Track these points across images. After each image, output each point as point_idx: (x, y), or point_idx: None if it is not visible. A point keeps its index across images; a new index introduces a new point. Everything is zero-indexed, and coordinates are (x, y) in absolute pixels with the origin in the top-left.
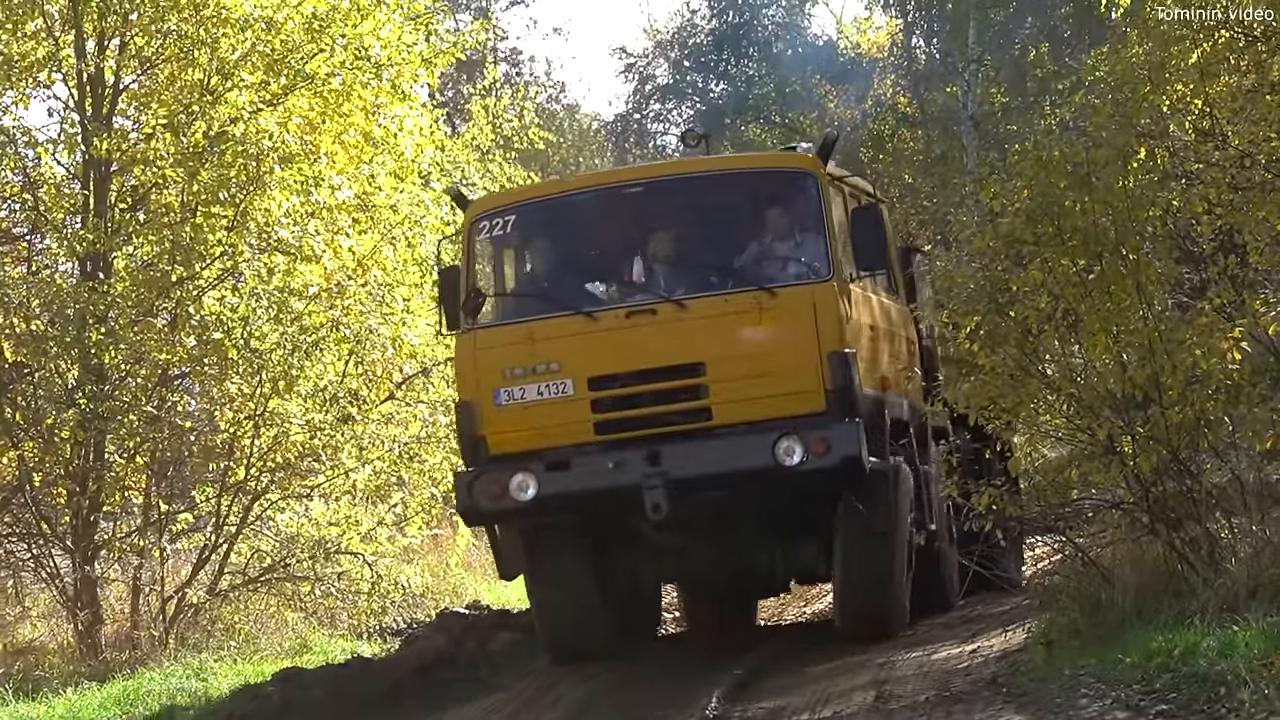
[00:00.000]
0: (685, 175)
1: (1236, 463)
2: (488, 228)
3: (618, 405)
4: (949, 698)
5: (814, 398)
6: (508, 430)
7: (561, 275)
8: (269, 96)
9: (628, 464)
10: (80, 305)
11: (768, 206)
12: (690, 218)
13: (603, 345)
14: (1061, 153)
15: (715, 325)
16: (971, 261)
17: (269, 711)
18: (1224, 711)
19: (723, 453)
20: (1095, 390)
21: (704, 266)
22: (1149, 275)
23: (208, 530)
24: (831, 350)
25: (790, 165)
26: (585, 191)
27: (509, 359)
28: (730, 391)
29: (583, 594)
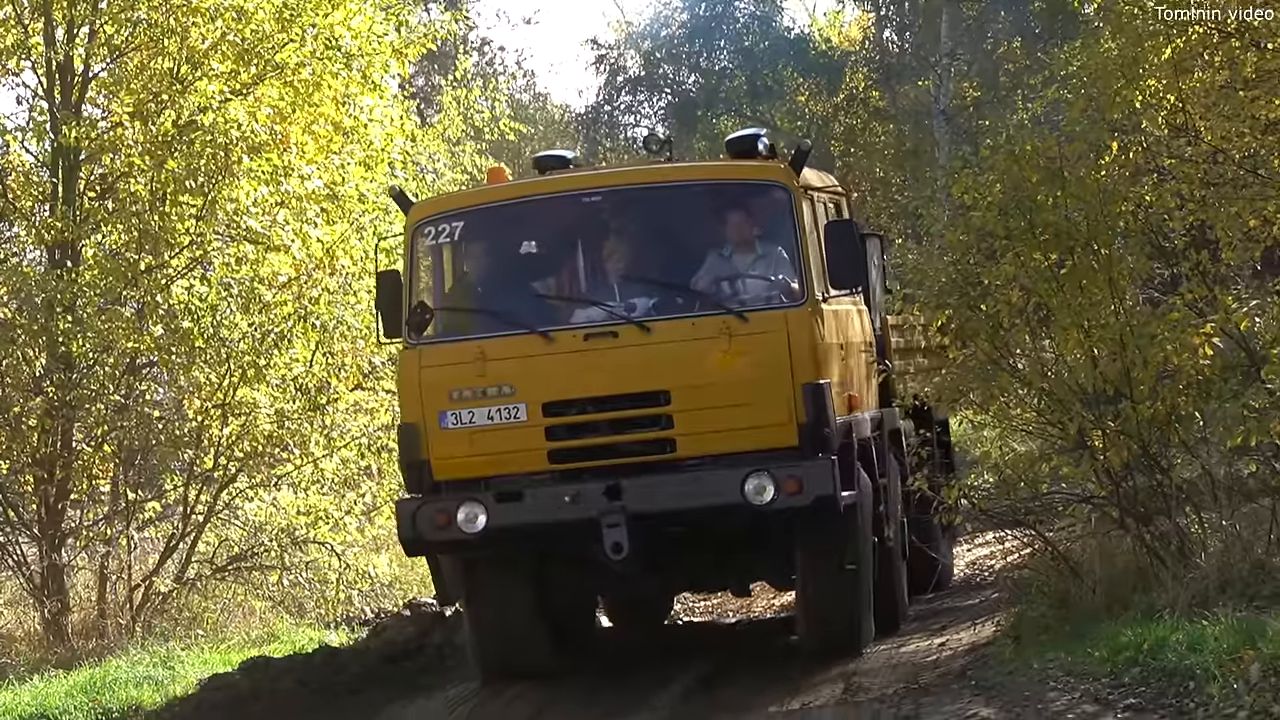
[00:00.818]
0: (648, 185)
1: (1207, 458)
2: (432, 234)
3: (574, 433)
4: (917, 690)
5: (786, 431)
6: (454, 455)
7: (514, 290)
8: (238, 86)
9: (585, 497)
10: (48, 293)
11: (737, 221)
12: (653, 231)
13: (559, 369)
14: (1034, 147)
15: (681, 351)
16: (943, 255)
17: (236, 700)
18: (1192, 706)
19: (688, 488)
20: (1066, 384)
21: (669, 285)
22: (1121, 270)
23: (175, 519)
24: (805, 381)
25: (762, 178)
26: (540, 198)
27: (457, 379)
28: (696, 422)
29: (522, 615)
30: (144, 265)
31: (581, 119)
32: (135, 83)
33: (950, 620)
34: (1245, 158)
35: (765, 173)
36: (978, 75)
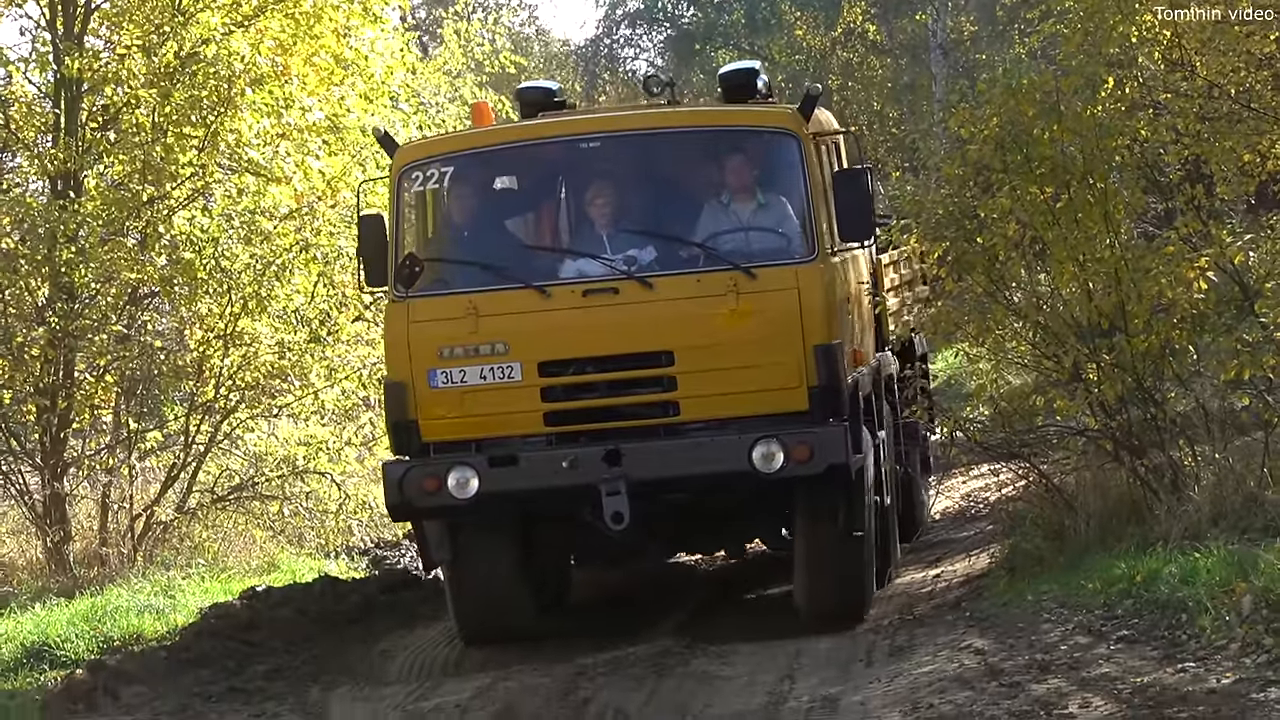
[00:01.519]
0: (650, 130)
1: (1200, 391)
2: (420, 179)
3: (572, 394)
4: (912, 621)
5: (796, 395)
6: (444, 416)
7: (508, 240)
8: (240, 18)
9: (583, 462)
10: (51, 224)
11: (745, 170)
12: (655, 179)
13: (556, 326)
14: (1030, 81)
15: (685, 309)
16: (940, 188)
17: (237, 629)
18: (1185, 638)
19: (691, 454)
20: (1061, 318)
21: (672, 238)
22: (1116, 204)
23: (176, 449)
24: (817, 343)
25: (772, 125)
26: (535, 142)
27: (447, 335)
28: (700, 385)
29: (505, 579)
30: (146, 196)
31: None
32: (138, 14)
33: (945, 552)
34: (1240, 92)
35: (775, 119)
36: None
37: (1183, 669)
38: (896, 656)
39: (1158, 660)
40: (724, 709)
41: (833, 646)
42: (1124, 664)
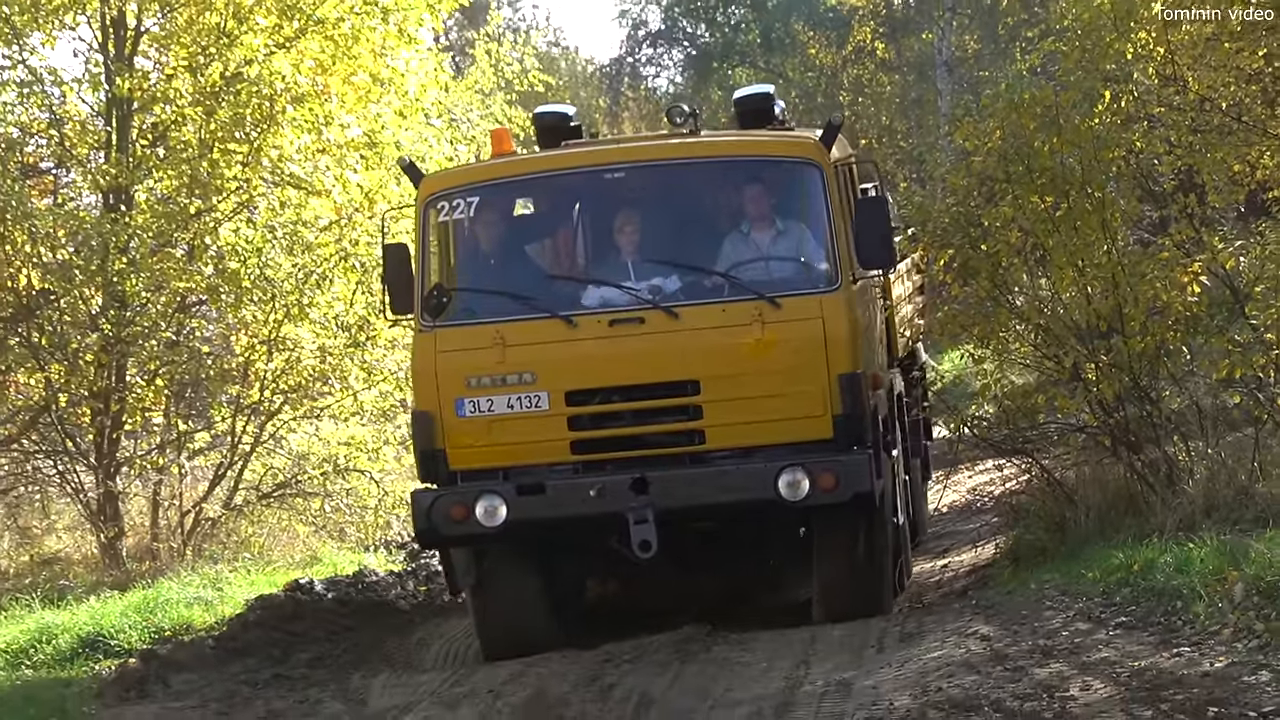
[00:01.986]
0: (674, 161)
1: (1194, 390)
2: (446, 209)
3: (598, 423)
4: (921, 609)
5: (820, 424)
6: (471, 445)
7: (534, 269)
8: (282, 39)
9: (611, 491)
10: (103, 236)
11: (767, 200)
12: (680, 209)
13: (583, 355)
14: (1031, 96)
15: (711, 338)
16: (946, 198)
17: (281, 619)
18: (1179, 624)
19: (718, 482)
20: (1062, 320)
21: (697, 268)
22: (1113, 212)
23: (223, 448)
24: (841, 372)
25: (793, 155)
26: (560, 172)
27: (475, 365)
28: (726, 414)
29: (529, 604)
30: (194, 209)
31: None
32: (185, 37)
33: (952, 543)
34: (1231, 106)
35: (798, 150)
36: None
37: (1178, 653)
38: (906, 643)
39: (1154, 645)
40: (744, 693)
41: (846, 634)
42: (1122, 649)
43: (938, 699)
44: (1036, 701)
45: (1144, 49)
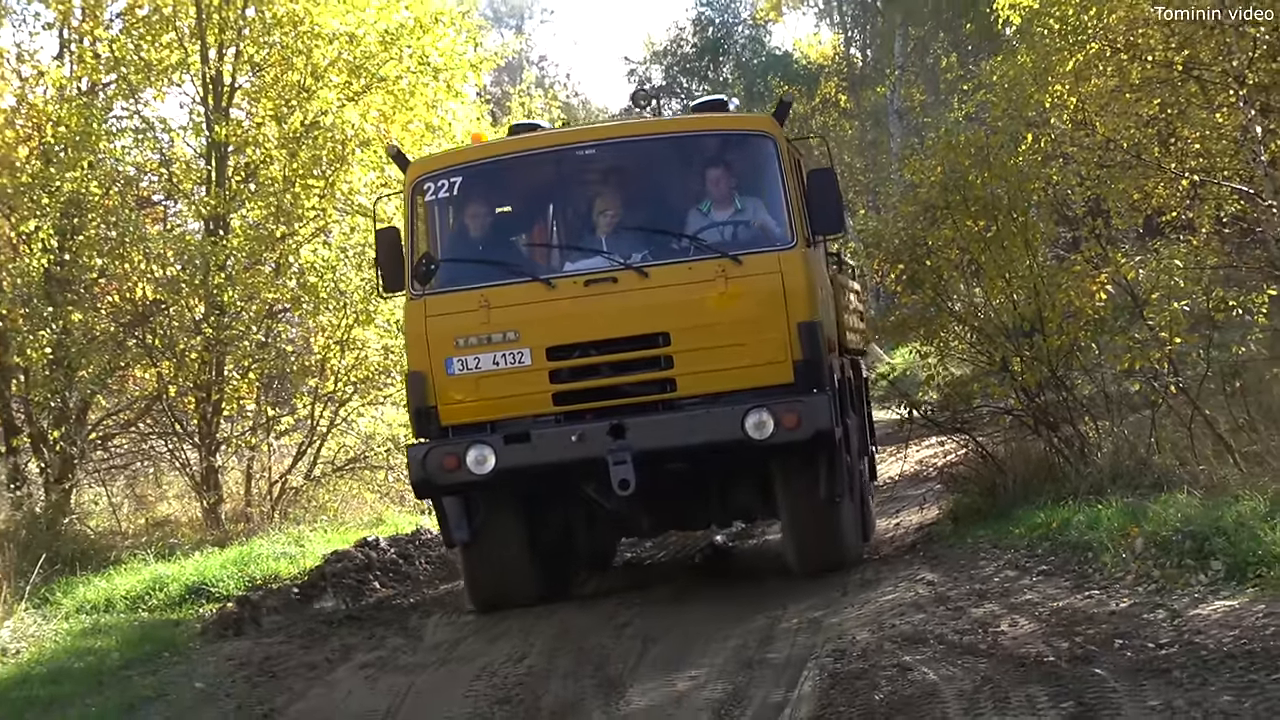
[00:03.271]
0: (640, 137)
1: (1101, 379)
2: (432, 189)
3: (577, 376)
4: (878, 560)
5: (782, 369)
6: (460, 400)
7: (514, 240)
8: (351, 94)
9: (591, 436)
10: (205, 256)
11: (727, 169)
12: (647, 181)
13: (561, 314)
14: (966, 138)
15: (679, 294)
16: (897, 222)
17: (353, 569)
18: (1090, 571)
19: (690, 426)
20: (992, 322)
21: (664, 232)
22: (1034, 233)
23: (304, 430)
24: (800, 320)
25: (749, 127)
26: (535, 152)
27: (462, 327)
28: (695, 362)
29: (514, 555)
30: (279, 234)
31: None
32: (271, 92)
33: (902, 506)
34: (1131, 146)
35: (752, 123)
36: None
37: (1089, 595)
38: (866, 588)
39: (1070, 589)
40: (733, 629)
41: (816, 582)
42: (1043, 592)
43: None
44: (973, 635)
45: (1059, 99)
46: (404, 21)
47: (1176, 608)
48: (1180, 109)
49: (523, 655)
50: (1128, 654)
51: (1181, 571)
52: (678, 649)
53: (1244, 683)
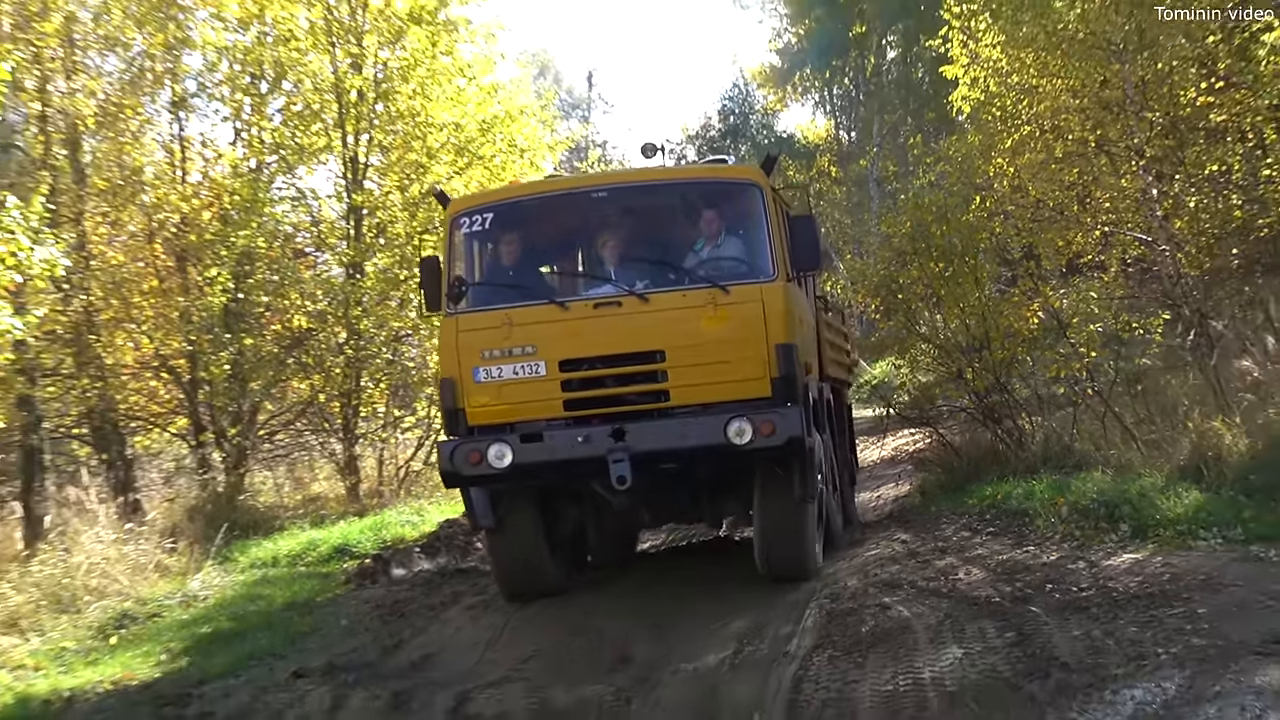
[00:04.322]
0: (646, 183)
1: (1035, 384)
2: (467, 223)
3: (585, 386)
4: (864, 524)
5: (761, 384)
6: (485, 404)
7: (535, 268)
8: (457, 169)
9: (595, 438)
10: (346, 293)
11: (720, 212)
12: (650, 221)
13: (573, 332)
14: (929, 200)
15: (674, 317)
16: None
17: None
18: (1027, 532)
19: (680, 431)
20: (950, 340)
21: (663, 264)
22: (982, 273)
23: (423, 426)
24: (778, 342)
25: (739, 177)
26: (556, 194)
27: (488, 341)
28: (686, 377)
29: (532, 545)
30: (402, 276)
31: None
32: (395, 169)
33: (881, 483)
34: (1055, 205)
35: (742, 173)
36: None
37: (1026, 550)
38: (854, 546)
39: (1011, 545)
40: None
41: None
42: (991, 548)
43: (875, 580)
44: (937, 581)
45: (1000, 169)
46: (497, 114)
47: (1094, 559)
48: (1094, 176)
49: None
50: (1056, 595)
51: (1097, 532)
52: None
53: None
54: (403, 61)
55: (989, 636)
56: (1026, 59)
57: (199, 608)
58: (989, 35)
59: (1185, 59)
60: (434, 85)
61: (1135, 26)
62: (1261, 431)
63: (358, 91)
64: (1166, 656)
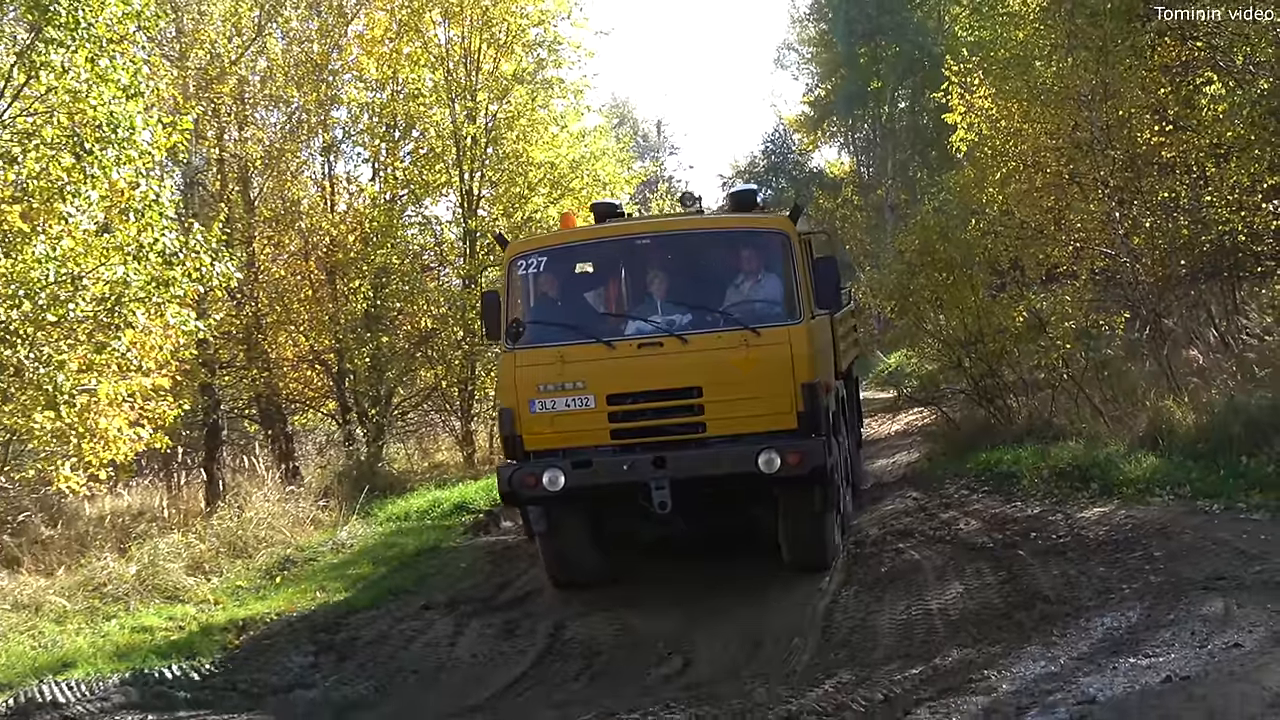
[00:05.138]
0: (684, 231)
1: (1021, 370)
2: (523, 265)
3: (630, 417)
4: (880, 484)
5: (788, 418)
6: (539, 432)
7: (585, 309)
8: (551, 200)
9: (638, 466)
10: (462, 300)
11: (750, 259)
12: (688, 266)
13: (619, 369)
14: (934, 221)
15: (710, 357)
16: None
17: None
18: (1014, 490)
19: (715, 460)
20: (951, 336)
21: (700, 308)
22: (976, 281)
23: None
24: (804, 381)
25: (768, 226)
26: (605, 240)
27: (543, 376)
28: (721, 410)
29: (581, 546)
30: None
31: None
32: (502, 199)
33: (895, 452)
34: (1037, 226)
35: (771, 223)
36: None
37: (1014, 505)
38: (874, 503)
39: (1001, 501)
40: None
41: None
42: (985, 503)
43: (891, 530)
44: (942, 531)
45: (991, 197)
46: (584, 154)
47: (1069, 513)
48: (1067, 202)
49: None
50: (1039, 541)
51: (1072, 490)
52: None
53: (1112, 559)
54: (508, 113)
55: (984, 575)
56: (1012, 108)
57: (346, 553)
58: (981, 89)
59: (1141, 107)
60: (533, 132)
61: (1100, 81)
62: (1205, 409)
63: (472, 138)
64: (1129, 591)
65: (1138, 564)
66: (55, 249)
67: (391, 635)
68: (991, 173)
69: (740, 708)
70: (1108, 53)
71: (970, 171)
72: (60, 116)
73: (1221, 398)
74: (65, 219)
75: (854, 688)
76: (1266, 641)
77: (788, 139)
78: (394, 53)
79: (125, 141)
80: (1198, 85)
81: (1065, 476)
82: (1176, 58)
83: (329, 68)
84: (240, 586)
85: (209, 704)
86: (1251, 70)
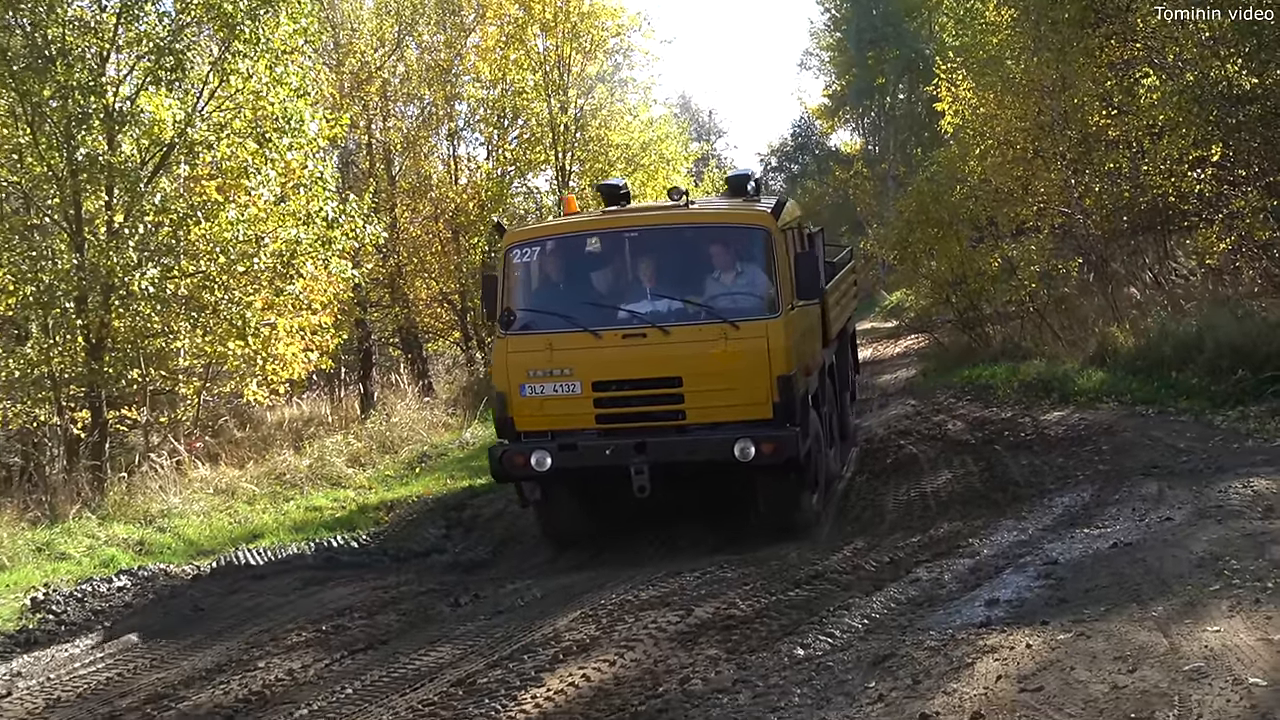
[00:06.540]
0: (670, 225)
1: (995, 305)
2: (518, 254)
3: (614, 404)
4: (885, 396)
5: (764, 408)
6: (529, 415)
7: (574, 297)
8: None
9: (620, 450)
10: None
11: (732, 253)
12: (673, 258)
13: (605, 358)
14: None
15: (691, 349)
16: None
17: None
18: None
19: (693, 447)
20: (942, 278)
21: (683, 300)
22: (960, 235)
23: None
24: (779, 373)
25: (751, 222)
26: (595, 231)
27: (533, 362)
28: (700, 399)
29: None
30: None
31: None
32: (588, 173)
33: (897, 369)
34: (1009, 192)
35: (754, 218)
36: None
37: (991, 410)
38: (880, 409)
39: (981, 407)
40: None
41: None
42: (969, 408)
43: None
44: (934, 431)
45: (972, 169)
46: (652, 137)
47: (1035, 416)
48: (1033, 172)
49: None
50: (1011, 439)
51: (1037, 398)
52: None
53: (1069, 452)
54: (592, 106)
55: (968, 465)
56: (989, 97)
57: (469, 450)
58: (964, 83)
59: (1091, 96)
60: (612, 120)
61: (1059, 75)
62: (1143, 334)
63: (564, 125)
64: (1083, 477)
65: (1089, 456)
66: (243, 215)
67: (504, 513)
68: (972, 149)
69: (778, 567)
70: (1065, 53)
71: (955, 148)
72: (246, 112)
73: (1155, 325)
74: (250, 192)
75: (866, 552)
76: (1192, 516)
77: (811, 124)
78: (503, 59)
79: (296, 131)
80: (1137, 78)
81: (1031, 388)
82: (1120, 56)
83: (452, 71)
84: (388, 475)
85: (366, 565)
86: (1180, 65)
